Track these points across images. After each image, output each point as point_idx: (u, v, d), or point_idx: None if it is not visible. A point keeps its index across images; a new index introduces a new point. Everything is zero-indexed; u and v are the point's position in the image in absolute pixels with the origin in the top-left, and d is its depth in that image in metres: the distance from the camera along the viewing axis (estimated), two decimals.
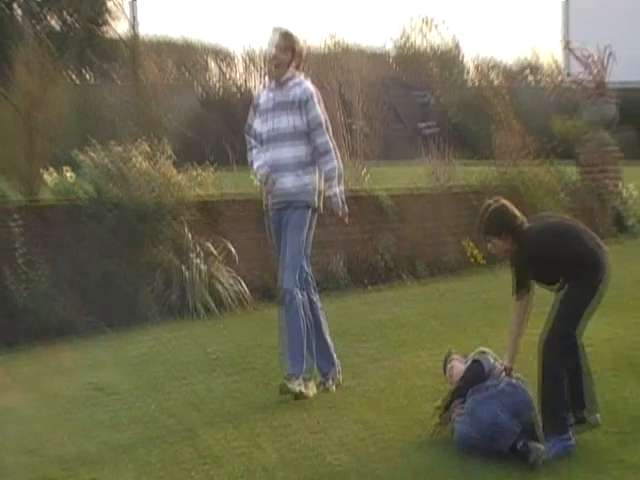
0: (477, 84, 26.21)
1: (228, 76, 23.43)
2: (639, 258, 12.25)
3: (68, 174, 10.33)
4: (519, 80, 28.24)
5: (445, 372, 5.84)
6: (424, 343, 7.86)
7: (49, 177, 10.55)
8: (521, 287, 5.32)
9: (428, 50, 28.97)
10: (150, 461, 5.22)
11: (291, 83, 6.48)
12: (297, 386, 6.27)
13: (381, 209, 12.15)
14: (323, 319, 6.73)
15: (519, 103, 17.03)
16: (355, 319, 9.09)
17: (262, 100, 6.61)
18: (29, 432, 5.89)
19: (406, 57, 28.84)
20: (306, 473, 4.91)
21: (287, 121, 6.44)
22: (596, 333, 7.65)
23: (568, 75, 19.05)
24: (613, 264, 5.40)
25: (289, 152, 6.45)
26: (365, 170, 13.36)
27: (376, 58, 25.71)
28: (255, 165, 6.61)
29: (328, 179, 6.49)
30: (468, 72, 28.92)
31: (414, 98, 25.61)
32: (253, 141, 6.65)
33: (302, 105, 6.42)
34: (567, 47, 17.58)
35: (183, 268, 9.70)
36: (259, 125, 6.59)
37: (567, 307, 5.23)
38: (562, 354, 5.16)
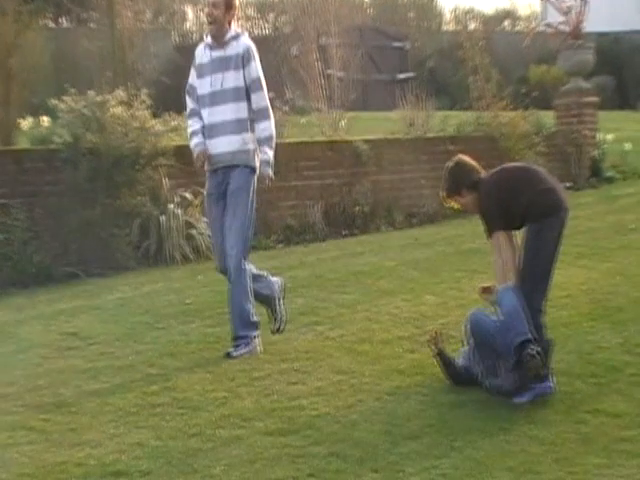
0: (455, 31, 26.08)
1: (204, 22, 23.24)
2: (614, 204, 12.34)
3: (44, 120, 10.24)
4: (496, 27, 28.14)
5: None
6: (402, 291, 7.89)
7: (25, 124, 10.46)
8: (493, 228, 5.34)
9: None
10: (126, 408, 5.23)
11: (229, 39, 6.28)
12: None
13: (358, 157, 12.13)
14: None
15: (496, 50, 17.00)
16: (333, 268, 9.10)
17: (201, 59, 6.38)
18: (5, 378, 5.88)
19: (384, 5, 28.64)
20: (283, 420, 4.94)
21: (227, 80, 6.22)
22: (571, 278, 7.76)
23: (545, 22, 18.97)
24: (588, 210, 5.43)
25: (230, 112, 6.22)
26: (342, 118, 13.32)
27: (353, 6, 25.48)
28: (192, 142, 6.42)
29: (261, 142, 6.24)
30: (447, 22, 28.80)
31: (391, 46, 25.44)
32: (191, 104, 6.45)
33: (241, 62, 6.22)
34: None
35: (160, 216, 9.67)
36: (199, 85, 6.37)
37: (535, 251, 5.25)
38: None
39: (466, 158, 5.61)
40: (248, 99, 6.25)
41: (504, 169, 5.56)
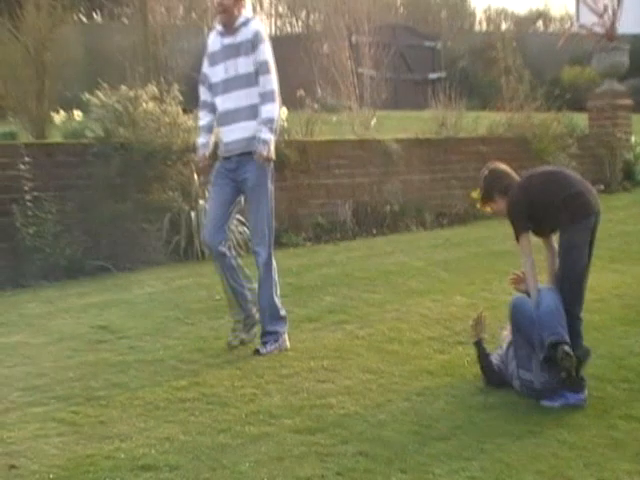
0: (487, 31, 25.98)
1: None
2: None
3: (77, 115, 10.30)
4: (529, 27, 28.00)
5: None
6: (431, 291, 7.87)
7: (58, 118, 10.54)
8: (519, 231, 5.33)
9: None
10: (155, 402, 5.24)
11: (239, 26, 6.21)
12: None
13: (388, 156, 12.10)
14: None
15: (529, 51, 16.91)
16: (362, 267, 9.09)
17: (212, 47, 6.34)
18: (36, 370, 5.92)
19: (416, 4, 28.58)
20: (312, 418, 4.93)
21: (239, 66, 6.17)
22: (604, 282, 7.69)
23: (579, 24, 18.82)
24: (621, 213, 5.40)
25: (244, 98, 6.16)
26: (373, 117, 13.29)
27: (385, 4, 25.46)
28: (198, 140, 6.43)
29: (262, 122, 6.11)
30: (480, 22, 28.69)
31: (423, 45, 25.37)
32: (203, 95, 6.40)
33: (251, 46, 6.15)
34: None
35: (190, 211, 9.69)
36: (211, 73, 6.32)
37: (568, 256, 5.22)
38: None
39: (500, 164, 5.60)
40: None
41: (534, 174, 5.53)
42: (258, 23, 6.31)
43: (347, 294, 7.88)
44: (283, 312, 6.35)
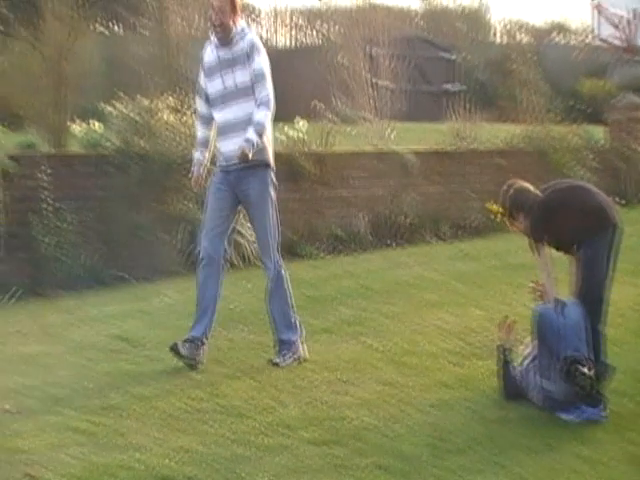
0: (504, 43, 25.96)
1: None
2: None
3: (96, 125, 10.35)
4: (547, 40, 27.95)
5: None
6: (448, 304, 7.86)
7: (77, 128, 10.59)
8: (539, 242, 5.36)
9: (455, 9, 28.67)
10: (172, 413, 5.26)
11: (235, 38, 6.20)
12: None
13: (405, 167, 12.10)
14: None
15: (546, 63, 16.88)
16: (379, 278, 9.08)
17: (208, 58, 6.32)
18: (55, 380, 5.94)
19: (432, 15, 28.56)
20: (328, 430, 4.93)
21: (236, 78, 6.17)
22: (622, 296, 7.65)
23: (597, 37, 18.81)
24: (638, 226, 5.38)
25: (240, 110, 6.16)
26: (389, 129, 13.29)
27: (402, 16, 25.46)
28: (194, 155, 6.44)
29: (253, 125, 6.07)
30: (495, 33, 28.62)
31: (440, 56, 25.35)
32: (200, 107, 6.42)
33: (247, 58, 6.16)
34: (597, 8, 17.38)
35: None
36: (209, 85, 6.31)
37: (588, 270, 5.22)
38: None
39: (521, 182, 5.62)
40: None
41: (554, 188, 5.54)
42: (254, 34, 6.35)
43: (363, 306, 7.88)
44: (297, 321, 6.35)
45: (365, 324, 7.25)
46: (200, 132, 6.47)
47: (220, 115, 6.28)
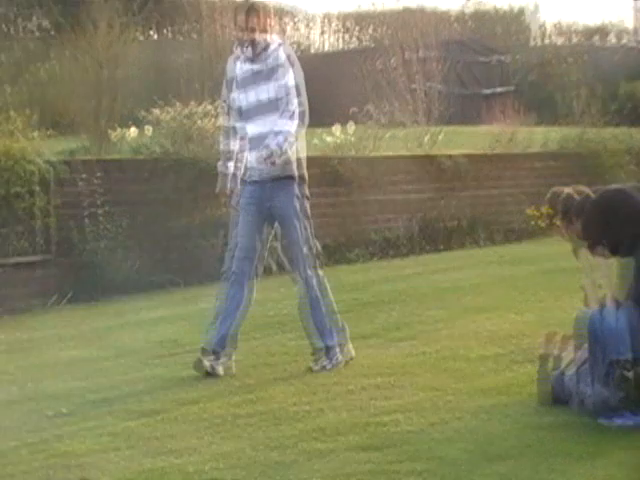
0: (552, 44, 25.76)
1: (292, 36, 23.48)
2: None
3: (144, 130, 10.48)
4: (590, 42, 27.72)
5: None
6: (486, 309, 7.82)
7: (123, 134, 10.72)
8: (594, 244, 5.30)
9: (499, 11, 28.52)
10: (216, 417, 5.29)
11: (270, 51, 6.19)
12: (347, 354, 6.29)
13: (444, 172, 12.07)
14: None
15: (590, 65, 16.78)
16: (416, 284, 9.08)
17: (239, 71, 6.29)
18: (106, 383, 6.04)
19: (479, 17, 28.43)
20: (367, 436, 4.92)
21: (267, 91, 6.16)
22: None
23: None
24: None
25: (271, 123, 6.14)
26: (429, 133, 13.26)
27: (441, 19, 25.38)
28: (223, 170, 6.40)
29: (278, 133, 6.09)
30: (543, 37, 28.40)
31: (486, 59, 25.23)
32: (225, 121, 6.43)
33: (279, 72, 6.16)
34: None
35: None
36: (238, 98, 6.29)
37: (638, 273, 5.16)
38: None
39: (572, 186, 5.59)
40: None
41: (606, 190, 5.48)
42: (288, 47, 6.36)
43: (402, 311, 7.86)
44: (332, 326, 6.34)
45: (405, 330, 7.24)
46: (224, 145, 6.47)
47: (251, 128, 6.26)
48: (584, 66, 14.62)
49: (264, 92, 6.21)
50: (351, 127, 11.58)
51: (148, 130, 10.45)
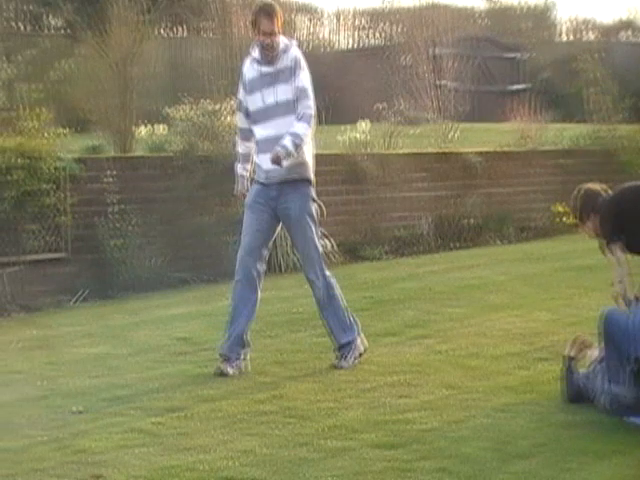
0: (570, 41, 25.63)
1: (315, 33, 23.49)
2: None
3: (160, 128, 10.50)
4: (614, 38, 27.51)
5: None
6: (512, 306, 7.79)
7: (141, 131, 10.74)
8: (612, 240, 5.27)
9: (519, 7, 28.42)
10: (236, 415, 5.28)
11: (279, 53, 6.16)
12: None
13: (469, 168, 12.03)
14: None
15: (614, 61, 16.64)
16: (442, 281, 9.05)
17: (250, 74, 6.27)
18: (121, 381, 6.02)
19: (497, 14, 28.32)
20: (391, 433, 4.91)
21: (278, 94, 6.12)
22: None
23: None
24: None
25: (283, 125, 6.09)
26: (453, 129, 13.22)
27: (466, 16, 25.32)
28: (238, 171, 6.41)
29: (290, 134, 6.03)
30: (561, 32, 28.26)
31: (505, 56, 25.14)
32: (240, 123, 6.41)
33: (290, 74, 6.12)
34: None
35: None
36: (250, 101, 6.26)
37: None
38: None
39: (591, 185, 5.55)
40: None
41: (626, 187, 5.46)
42: (296, 49, 6.31)
43: (427, 308, 7.84)
44: (349, 321, 6.31)
45: (429, 326, 7.22)
46: (241, 147, 6.47)
47: (261, 131, 6.24)
48: (608, 62, 14.47)
49: (272, 94, 6.17)
50: (367, 125, 11.54)
51: (165, 129, 10.48)
